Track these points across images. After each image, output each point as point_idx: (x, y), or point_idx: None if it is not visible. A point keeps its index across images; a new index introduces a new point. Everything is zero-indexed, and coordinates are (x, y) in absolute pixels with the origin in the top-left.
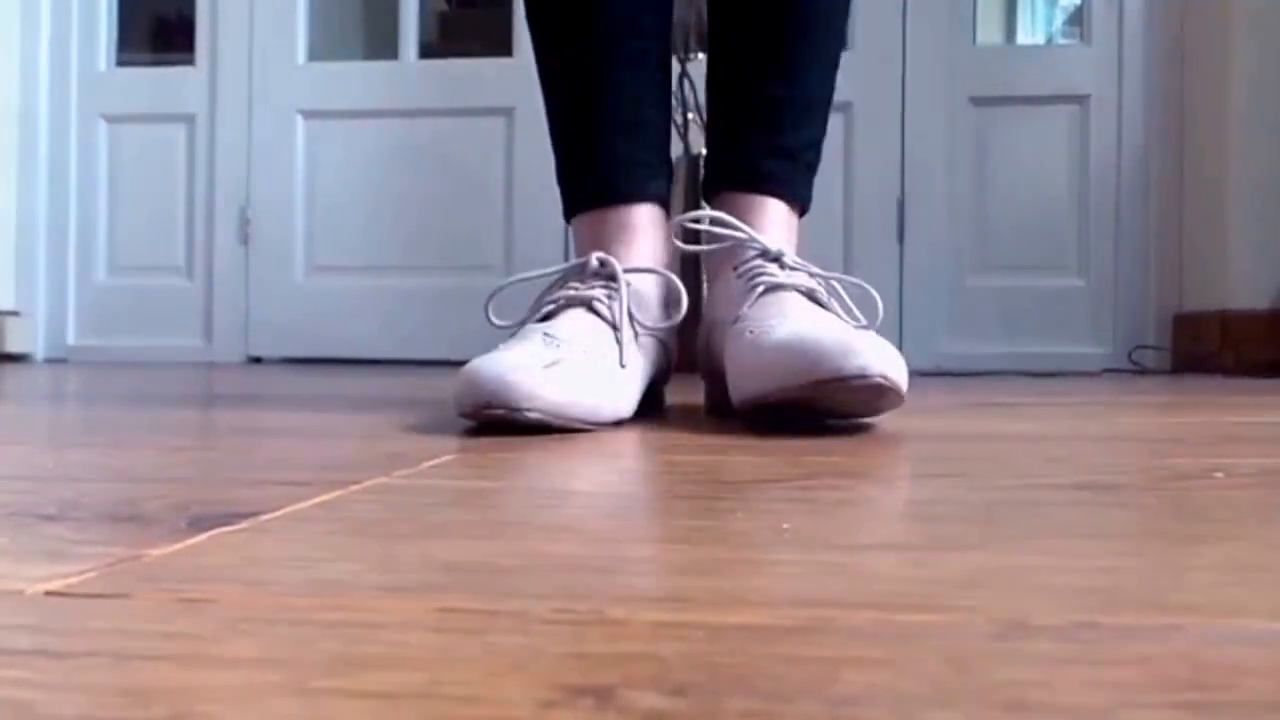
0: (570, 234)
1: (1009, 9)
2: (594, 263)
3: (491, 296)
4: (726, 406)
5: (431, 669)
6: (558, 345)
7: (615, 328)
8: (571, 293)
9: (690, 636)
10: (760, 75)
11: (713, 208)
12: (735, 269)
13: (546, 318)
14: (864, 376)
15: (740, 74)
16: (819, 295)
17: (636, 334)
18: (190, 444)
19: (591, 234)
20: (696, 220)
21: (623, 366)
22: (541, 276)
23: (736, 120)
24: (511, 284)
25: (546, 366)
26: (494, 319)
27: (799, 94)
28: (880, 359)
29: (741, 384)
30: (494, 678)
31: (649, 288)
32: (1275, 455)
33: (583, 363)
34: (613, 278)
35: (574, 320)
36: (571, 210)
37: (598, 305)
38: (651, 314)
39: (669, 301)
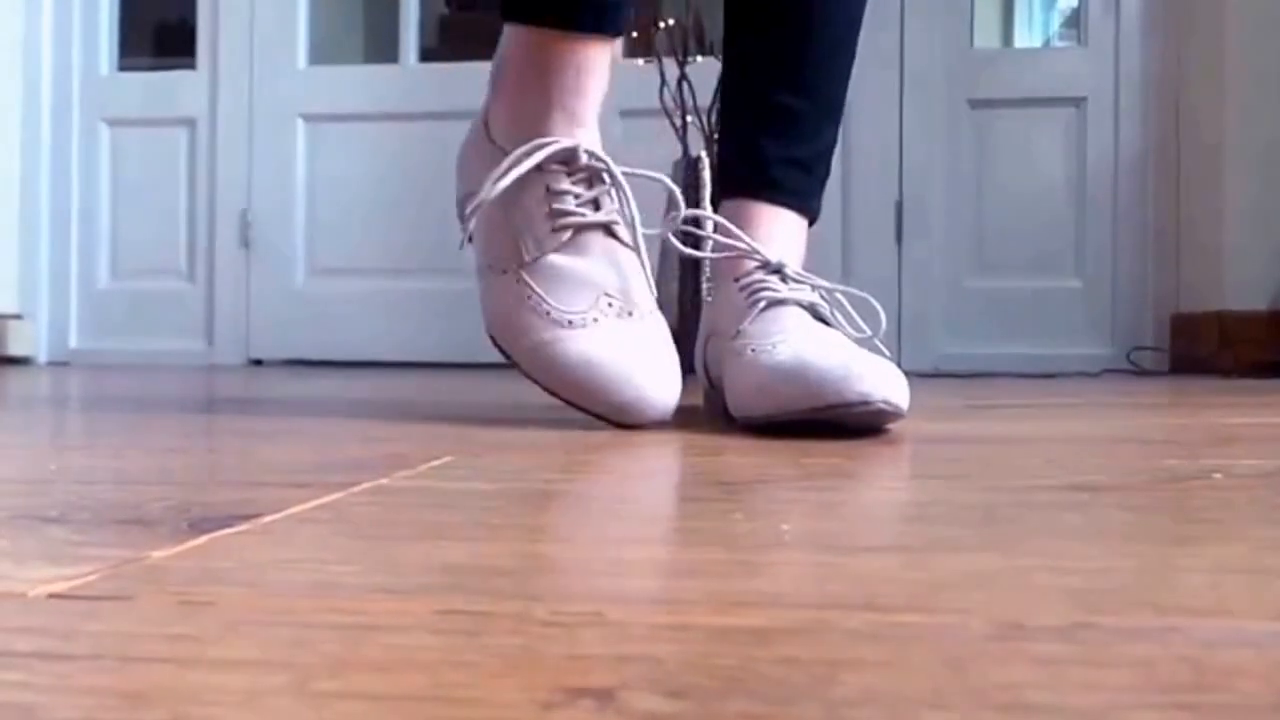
0: (506, 35)
1: (1006, 12)
2: (583, 156)
3: (472, 214)
4: (724, 413)
5: (431, 671)
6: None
7: (637, 250)
8: (586, 216)
9: (689, 638)
10: (776, 84)
11: (724, 212)
12: (737, 280)
13: (560, 246)
14: (866, 403)
15: (755, 82)
16: (821, 310)
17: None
18: (191, 446)
19: (542, 60)
20: (699, 224)
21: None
22: (515, 170)
23: (752, 128)
24: (482, 201)
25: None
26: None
27: (814, 105)
28: (882, 383)
29: (742, 402)
30: (493, 679)
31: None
32: (1273, 456)
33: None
34: (602, 177)
35: (616, 264)
36: (523, 13)
37: (618, 230)
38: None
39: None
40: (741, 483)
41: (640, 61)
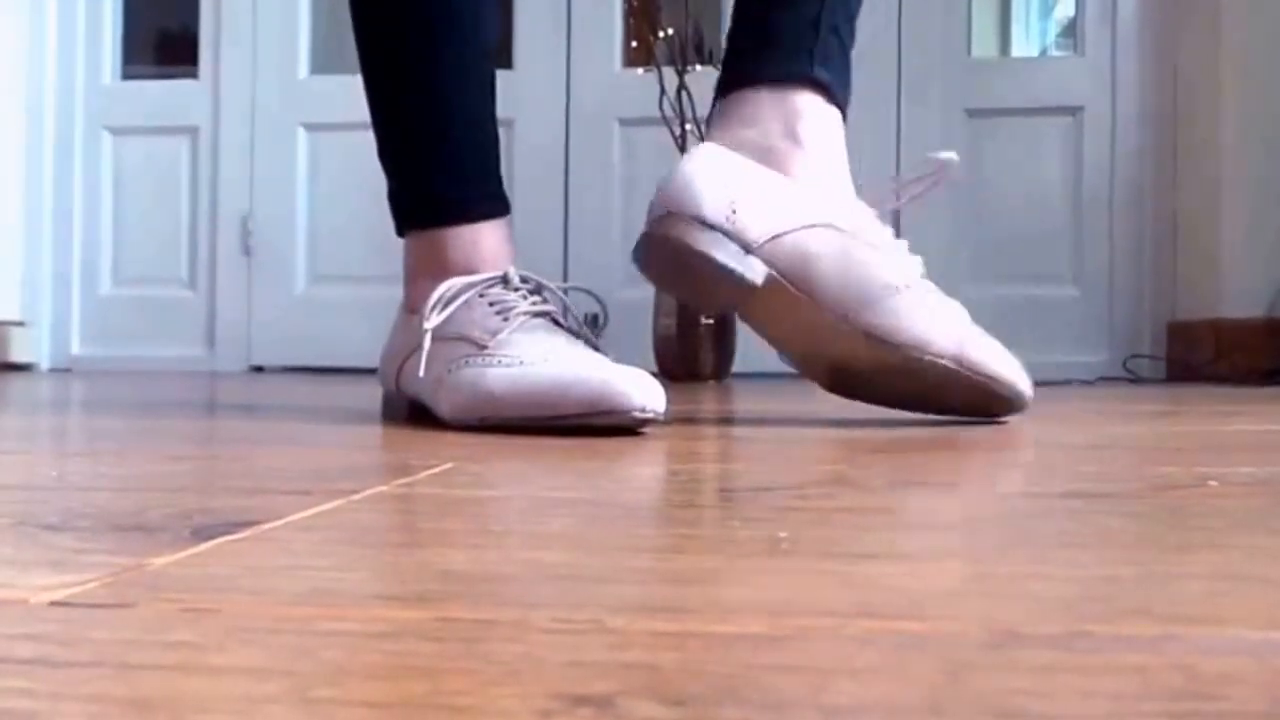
0: (414, 247)
1: (1003, 21)
2: (514, 278)
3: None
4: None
5: (431, 678)
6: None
7: (586, 341)
8: (530, 308)
9: (688, 645)
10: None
11: (746, 101)
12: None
13: (511, 330)
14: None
15: None
16: None
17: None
18: (193, 453)
19: (451, 248)
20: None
21: None
22: (461, 297)
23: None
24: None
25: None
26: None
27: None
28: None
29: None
30: (493, 687)
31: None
32: (1269, 464)
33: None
34: (539, 290)
35: (568, 338)
36: (428, 222)
37: (559, 320)
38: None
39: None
40: (739, 489)
41: (639, 71)
